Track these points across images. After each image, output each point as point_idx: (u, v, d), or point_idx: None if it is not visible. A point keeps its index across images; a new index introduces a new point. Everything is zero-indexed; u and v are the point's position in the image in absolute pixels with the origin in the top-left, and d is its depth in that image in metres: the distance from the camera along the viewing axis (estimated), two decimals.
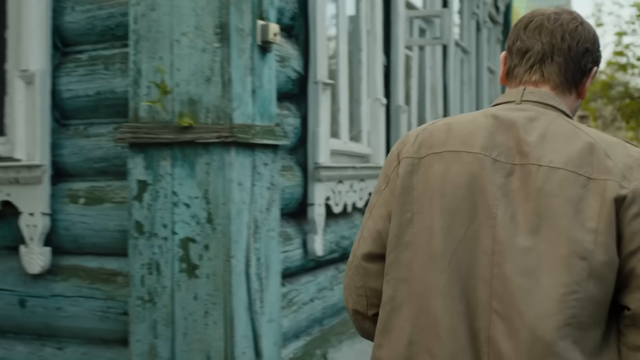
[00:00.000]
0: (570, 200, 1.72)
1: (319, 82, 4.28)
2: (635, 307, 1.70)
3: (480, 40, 9.05)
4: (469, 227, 1.79)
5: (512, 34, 1.99)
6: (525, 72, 1.94)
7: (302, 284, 4.36)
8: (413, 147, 1.91)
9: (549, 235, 1.71)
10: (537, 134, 1.82)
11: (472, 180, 1.81)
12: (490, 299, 1.74)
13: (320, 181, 4.32)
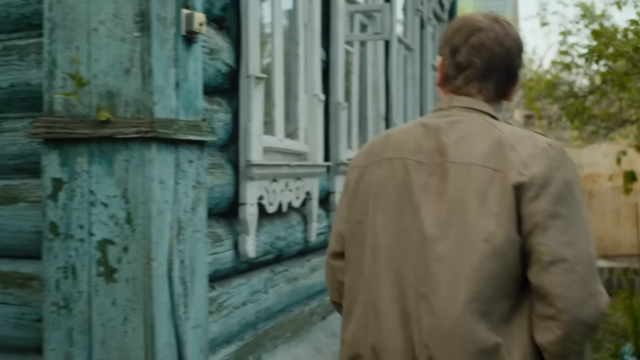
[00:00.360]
0: (478, 191, 1.98)
1: (251, 76, 4.10)
2: (534, 280, 1.94)
3: (424, 38, 8.95)
4: (401, 222, 2.09)
5: (448, 41, 2.20)
6: (463, 85, 2.19)
7: (234, 287, 4.17)
8: (360, 158, 2.26)
9: (459, 224, 1.98)
10: (456, 135, 2.09)
11: (401, 182, 2.11)
12: (418, 284, 2.02)
13: (253, 180, 4.14)
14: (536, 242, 1.94)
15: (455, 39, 2.19)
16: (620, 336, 8.69)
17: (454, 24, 2.24)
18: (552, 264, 1.92)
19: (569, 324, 1.91)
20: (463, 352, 1.94)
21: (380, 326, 2.09)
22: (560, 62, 11.89)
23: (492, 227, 1.94)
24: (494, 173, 1.99)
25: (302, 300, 5.20)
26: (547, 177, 1.96)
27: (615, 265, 15.45)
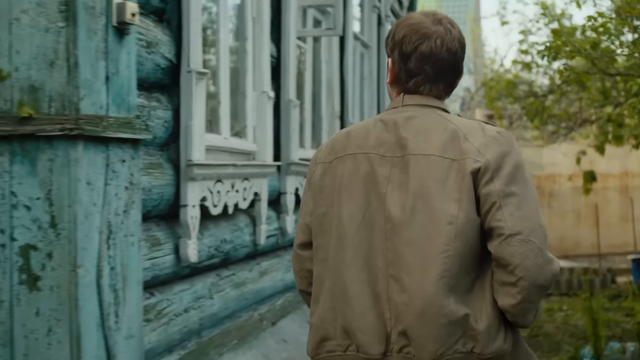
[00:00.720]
0: (438, 179, 2.20)
1: (193, 72, 3.90)
2: (495, 252, 2.17)
3: (382, 35, 8.78)
4: (366, 211, 2.26)
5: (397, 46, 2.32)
6: (415, 87, 2.33)
7: (175, 293, 3.97)
8: (324, 154, 2.40)
9: (423, 210, 2.19)
10: (414, 130, 2.28)
11: (366, 175, 2.28)
12: (387, 267, 2.21)
13: (194, 180, 3.93)
14: (495, 219, 2.17)
15: (405, 47, 2.32)
16: (580, 338, 8.59)
17: (402, 28, 2.35)
18: (511, 237, 2.15)
19: (528, 289, 2.16)
20: (437, 324, 2.15)
21: (351, 308, 2.25)
22: (520, 61, 11.77)
23: (454, 211, 2.18)
24: (451, 162, 2.21)
25: (251, 306, 5.00)
26: (499, 161, 2.20)
27: (575, 266, 15.43)
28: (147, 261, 3.65)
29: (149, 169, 3.67)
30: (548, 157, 17.87)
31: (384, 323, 2.22)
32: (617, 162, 18.02)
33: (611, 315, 10.08)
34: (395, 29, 2.36)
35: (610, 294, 12.17)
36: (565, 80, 10.95)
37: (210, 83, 4.54)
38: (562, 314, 10.69)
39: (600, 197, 17.43)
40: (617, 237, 17.64)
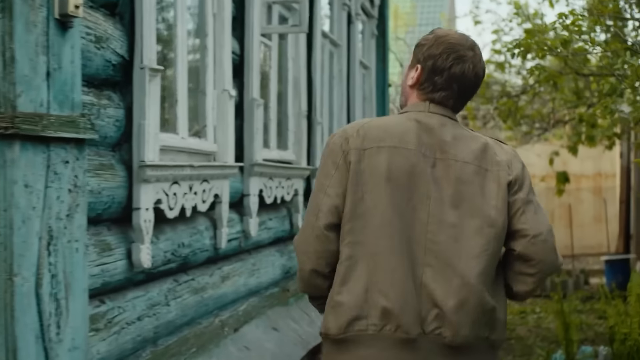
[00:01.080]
0: (478, 185, 2.58)
1: (146, 68, 3.72)
2: (521, 249, 2.60)
3: (352, 34, 8.62)
4: (409, 202, 2.54)
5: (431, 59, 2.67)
6: (439, 99, 2.67)
7: (128, 301, 3.79)
8: (357, 141, 2.59)
9: (467, 211, 2.56)
10: (450, 136, 2.62)
11: (411, 169, 2.55)
12: (425, 256, 2.52)
13: (148, 182, 3.75)
14: (520, 222, 2.60)
15: (440, 62, 2.66)
16: (552, 342, 8.48)
17: (441, 44, 2.68)
18: (535, 237, 2.59)
19: (541, 279, 2.64)
20: (476, 313, 2.53)
21: (395, 291, 2.49)
22: (493, 61, 11.66)
23: (495, 215, 2.57)
24: (486, 172, 2.60)
25: (212, 312, 4.82)
26: (522, 175, 2.65)
27: None
28: (95, 267, 3.47)
29: (98, 170, 3.49)
30: (521, 157, 17.76)
31: (420, 306, 2.52)
32: (590, 163, 18.00)
33: (584, 318, 9.99)
34: (434, 42, 2.70)
35: (583, 296, 12.10)
36: (537, 80, 10.88)
37: (167, 81, 4.36)
38: (535, 316, 10.60)
39: (574, 198, 17.39)
40: (590, 238, 17.62)
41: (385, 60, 10.43)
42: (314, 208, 2.62)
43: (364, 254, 2.53)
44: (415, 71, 2.72)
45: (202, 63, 4.73)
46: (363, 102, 9.47)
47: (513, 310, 11.02)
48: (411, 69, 2.75)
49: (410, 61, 2.79)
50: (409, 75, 2.75)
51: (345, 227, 2.56)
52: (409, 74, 2.75)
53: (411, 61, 2.77)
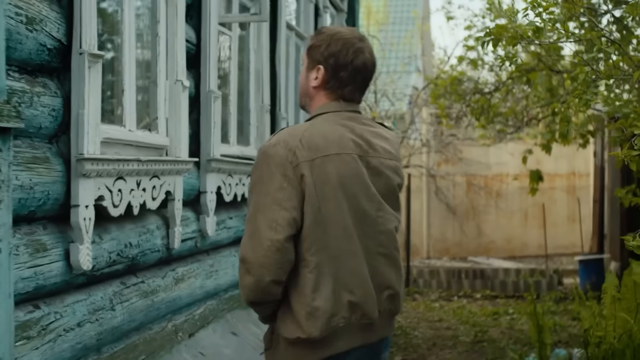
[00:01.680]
0: (395, 177, 2.93)
1: (85, 53, 3.43)
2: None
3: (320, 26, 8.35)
4: (359, 204, 2.79)
5: (333, 56, 2.83)
6: (347, 95, 2.86)
7: (67, 305, 3.50)
8: (304, 152, 2.70)
9: (393, 203, 2.93)
10: (369, 133, 2.87)
11: (354, 172, 2.77)
12: (377, 247, 2.86)
13: (87, 177, 3.47)
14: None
15: (342, 58, 2.83)
16: (525, 344, 8.27)
17: (337, 41, 2.85)
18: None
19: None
20: (403, 290, 2.99)
21: (360, 287, 2.80)
22: (466, 57, 11.43)
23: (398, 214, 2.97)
24: (398, 164, 2.97)
25: (165, 316, 4.54)
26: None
27: (522, 267, 15.19)
28: (27, 270, 3.18)
29: (30, 164, 3.20)
30: (495, 156, 17.63)
31: (377, 292, 2.85)
32: (564, 162, 17.86)
33: (557, 320, 9.79)
34: (330, 40, 2.86)
35: (556, 297, 11.91)
36: (511, 77, 10.66)
37: (113, 69, 4.07)
38: (508, 317, 10.38)
39: (547, 197, 17.24)
40: (564, 238, 17.49)
41: None
42: (271, 221, 2.68)
43: (328, 259, 2.74)
44: (317, 72, 2.87)
45: (153, 51, 4.44)
46: None
47: (486, 311, 10.81)
48: (310, 71, 2.90)
49: (305, 64, 2.94)
50: (310, 77, 2.90)
51: (309, 238, 2.72)
52: (309, 75, 2.90)
53: (307, 64, 2.92)
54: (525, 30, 4.24)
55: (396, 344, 8.64)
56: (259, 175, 2.73)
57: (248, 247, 2.70)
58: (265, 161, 2.72)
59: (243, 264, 2.73)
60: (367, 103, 16.50)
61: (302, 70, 2.96)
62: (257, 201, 2.71)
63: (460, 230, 17.84)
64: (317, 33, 2.96)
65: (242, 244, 2.76)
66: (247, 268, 2.71)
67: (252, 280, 2.71)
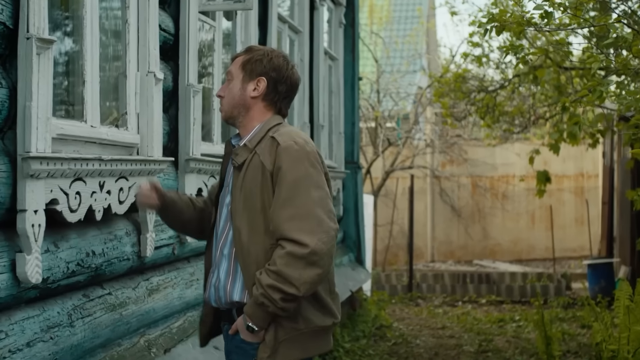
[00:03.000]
0: None
1: (33, 38, 3.03)
2: None
3: (316, 21, 7.95)
4: None
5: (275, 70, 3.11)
6: (283, 108, 3.18)
7: (14, 323, 3.10)
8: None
9: None
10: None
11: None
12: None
13: (36, 178, 3.06)
14: None
15: (283, 71, 3.09)
16: (532, 354, 7.85)
17: (277, 57, 3.13)
18: None
19: None
20: None
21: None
22: (470, 53, 11.02)
23: None
24: None
25: (137, 330, 4.13)
26: None
27: (529, 271, 14.78)
28: None
29: None
30: (501, 157, 17.23)
31: None
32: (572, 163, 17.44)
33: (566, 327, 9.38)
34: (271, 54, 3.12)
35: (565, 302, 11.50)
36: (517, 74, 10.24)
37: (72, 58, 3.67)
38: (514, 325, 9.95)
39: (555, 199, 16.83)
40: (572, 241, 17.08)
41: (355, 52, 9.77)
42: (329, 212, 2.92)
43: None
44: (258, 83, 3.07)
45: (122, 40, 4.04)
46: (330, 95, 8.81)
47: (491, 318, 10.40)
48: (247, 83, 3.09)
49: (238, 77, 3.11)
50: (248, 89, 3.09)
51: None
52: (247, 87, 3.09)
53: (242, 77, 3.09)
54: (532, 16, 3.83)
55: (397, 353, 8.23)
56: (305, 170, 2.91)
57: (316, 239, 2.82)
58: (306, 157, 2.93)
59: (311, 257, 2.82)
60: (369, 102, 16.10)
61: (234, 82, 3.11)
62: (313, 195, 2.88)
63: (465, 232, 17.43)
64: (249, 50, 3.17)
65: (306, 238, 2.83)
66: (315, 260, 2.82)
67: (318, 272, 2.85)
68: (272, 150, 2.97)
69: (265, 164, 2.97)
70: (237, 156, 3.07)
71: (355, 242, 9.84)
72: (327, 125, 8.58)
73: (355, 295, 9.20)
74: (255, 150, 3.03)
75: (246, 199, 3.00)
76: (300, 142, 2.98)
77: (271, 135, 3.02)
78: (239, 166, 3.05)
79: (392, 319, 10.21)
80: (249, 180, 3.01)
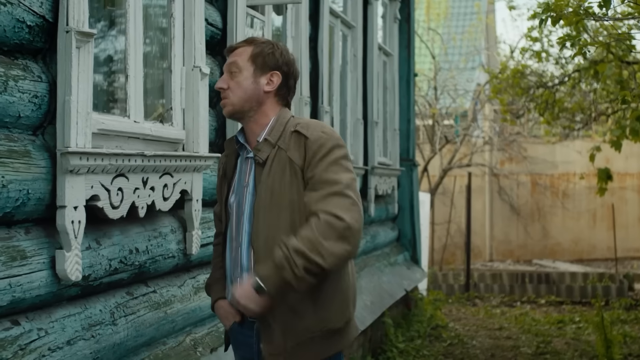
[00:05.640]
0: None
1: (72, 31, 2.97)
2: None
3: (370, 16, 7.84)
4: None
5: (287, 65, 3.03)
6: (290, 101, 3.13)
7: (55, 321, 3.05)
8: None
9: None
10: None
11: None
12: None
13: (76, 173, 3.01)
14: None
15: (294, 67, 3.05)
16: (592, 357, 7.62)
17: (287, 52, 3.06)
18: None
19: None
20: None
21: None
22: (529, 48, 10.79)
23: None
24: None
25: (183, 329, 4.08)
26: None
27: (590, 271, 14.46)
28: (1, 280, 2.74)
29: (3, 158, 2.76)
30: (561, 154, 16.91)
31: None
32: (635, 161, 17.04)
33: (627, 330, 9.11)
34: (281, 48, 3.04)
35: (627, 303, 11.19)
36: (577, 69, 9.99)
37: (115, 52, 3.62)
38: (574, 326, 9.71)
39: (617, 197, 16.46)
40: (635, 240, 16.69)
41: (411, 47, 9.62)
42: (358, 195, 2.89)
43: None
44: (272, 77, 2.98)
45: (167, 33, 3.98)
46: (384, 91, 8.68)
47: (550, 319, 10.17)
48: (260, 76, 2.97)
49: (249, 70, 2.98)
50: (261, 82, 2.98)
51: None
52: (259, 81, 2.98)
53: (253, 70, 2.97)
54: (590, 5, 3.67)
55: (452, 354, 8.08)
56: (336, 155, 2.88)
57: (351, 216, 2.78)
58: (336, 143, 2.90)
59: (345, 231, 2.76)
60: (426, 99, 15.92)
61: (243, 75, 2.98)
62: (345, 177, 2.86)
63: (524, 231, 17.14)
64: (252, 42, 3.04)
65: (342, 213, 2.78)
66: (348, 236, 2.77)
67: (348, 249, 2.78)
68: (300, 144, 2.90)
69: (294, 159, 2.90)
70: (259, 152, 2.97)
71: (411, 241, 9.70)
72: (382, 121, 8.46)
73: (410, 294, 9.06)
74: (278, 144, 2.94)
75: (273, 195, 2.91)
76: (328, 131, 2.95)
77: (293, 129, 2.95)
78: (262, 162, 2.96)
79: (448, 319, 10.05)
80: (276, 176, 2.92)
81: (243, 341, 3.12)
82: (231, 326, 3.15)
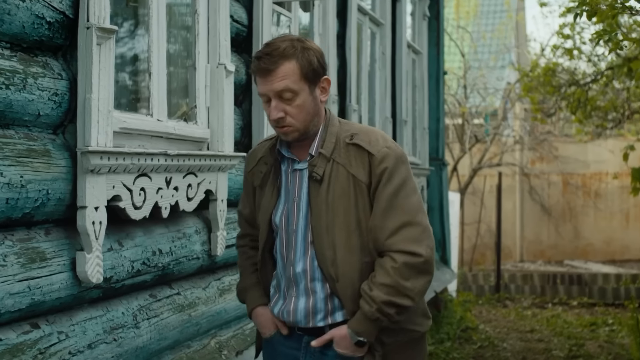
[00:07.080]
0: None
1: (93, 27, 2.90)
2: None
3: (399, 13, 7.73)
4: None
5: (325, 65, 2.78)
6: None
7: (76, 324, 2.98)
8: None
9: None
10: None
11: None
12: None
13: (97, 173, 2.94)
14: None
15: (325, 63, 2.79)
16: None
17: (316, 46, 2.79)
18: None
19: None
20: None
21: None
22: (560, 46, 10.62)
23: None
24: None
25: (208, 332, 4.00)
26: None
27: (623, 272, 14.23)
28: (18, 283, 2.67)
29: (22, 158, 2.69)
30: (593, 154, 16.67)
31: None
32: None
33: None
34: (314, 49, 2.73)
35: None
36: (610, 66, 9.82)
37: (137, 48, 3.55)
38: (607, 329, 9.53)
39: None
40: None
41: (440, 45, 9.50)
42: (426, 215, 2.80)
43: None
44: (323, 85, 2.76)
45: (192, 30, 3.91)
46: (413, 90, 8.57)
47: (582, 321, 10.00)
48: (315, 89, 2.72)
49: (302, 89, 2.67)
50: (317, 95, 2.74)
51: None
52: (315, 94, 2.73)
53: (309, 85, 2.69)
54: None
55: (482, 356, 7.95)
56: (404, 176, 2.73)
57: (425, 247, 2.71)
58: (402, 161, 2.75)
59: (423, 265, 2.71)
60: (456, 98, 15.77)
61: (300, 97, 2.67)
62: (414, 200, 2.75)
63: (555, 232, 16.93)
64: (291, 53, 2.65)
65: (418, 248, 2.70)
66: (426, 268, 2.73)
67: (429, 279, 2.76)
68: (364, 160, 2.73)
69: (358, 176, 2.72)
70: (315, 167, 2.75)
71: (440, 241, 9.59)
72: (411, 120, 8.35)
73: (440, 296, 8.94)
74: (333, 157, 2.75)
75: (337, 216, 2.73)
76: (391, 145, 2.76)
77: (349, 141, 2.76)
78: (319, 179, 2.75)
79: (478, 321, 9.91)
80: (337, 194, 2.74)
81: (285, 353, 2.99)
82: (272, 335, 3.01)
